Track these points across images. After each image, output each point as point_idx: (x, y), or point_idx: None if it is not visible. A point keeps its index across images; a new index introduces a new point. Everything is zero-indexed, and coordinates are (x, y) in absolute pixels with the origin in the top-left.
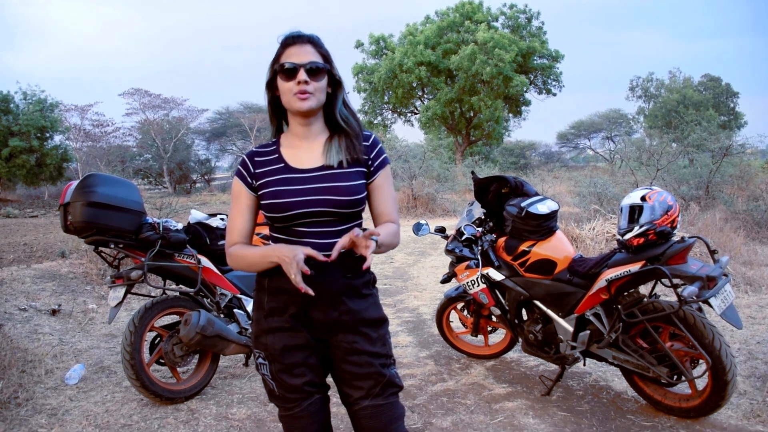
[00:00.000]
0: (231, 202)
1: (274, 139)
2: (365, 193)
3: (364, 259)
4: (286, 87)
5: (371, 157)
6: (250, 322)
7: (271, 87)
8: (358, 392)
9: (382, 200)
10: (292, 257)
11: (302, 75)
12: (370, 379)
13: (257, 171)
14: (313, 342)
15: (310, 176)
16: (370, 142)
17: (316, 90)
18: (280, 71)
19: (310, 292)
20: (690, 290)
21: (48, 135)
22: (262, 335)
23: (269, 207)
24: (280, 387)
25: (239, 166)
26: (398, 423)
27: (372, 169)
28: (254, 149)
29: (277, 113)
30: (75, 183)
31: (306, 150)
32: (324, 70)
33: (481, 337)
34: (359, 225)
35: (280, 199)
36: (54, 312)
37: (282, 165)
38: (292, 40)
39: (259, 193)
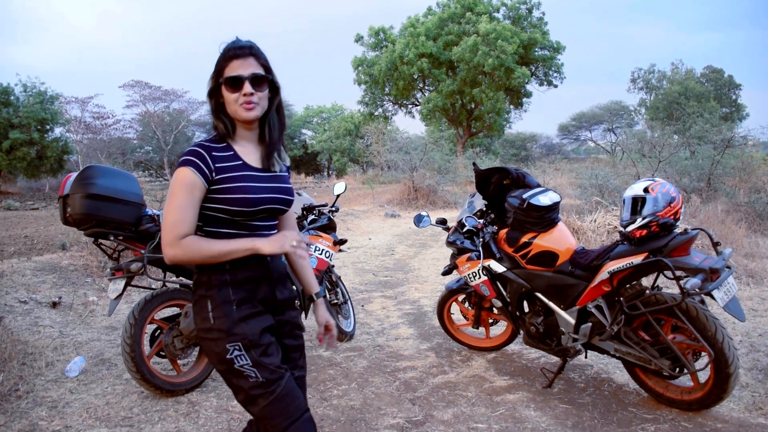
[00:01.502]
0: (178, 192)
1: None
2: None
3: None
4: (231, 98)
5: (289, 173)
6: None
7: (214, 95)
8: (290, 363)
9: (291, 212)
10: (286, 236)
11: (247, 87)
12: (299, 351)
13: (217, 165)
14: (273, 323)
15: (266, 176)
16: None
17: (260, 99)
18: (225, 83)
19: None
20: (693, 282)
21: (48, 127)
22: (235, 326)
23: (236, 201)
24: (263, 371)
25: (193, 158)
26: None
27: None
28: (206, 143)
29: (223, 117)
30: (74, 175)
31: (254, 152)
32: (266, 79)
33: (482, 329)
34: None
35: (247, 195)
36: (54, 304)
37: (240, 162)
38: (234, 53)
39: (217, 187)
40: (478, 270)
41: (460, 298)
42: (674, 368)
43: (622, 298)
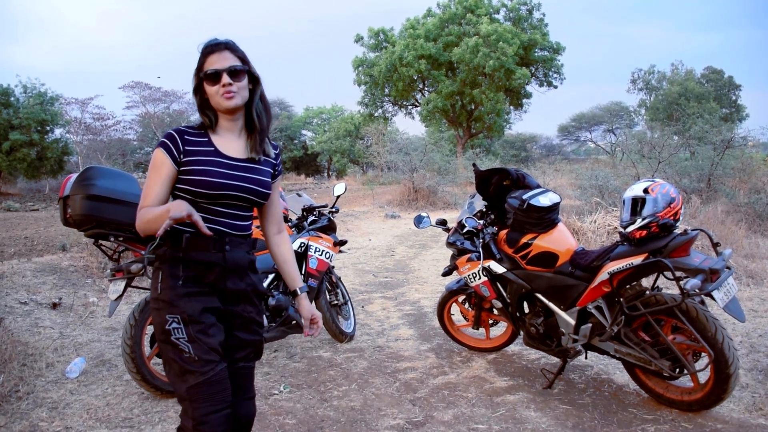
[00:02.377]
0: (149, 171)
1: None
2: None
3: (256, 241)
4: (212, 90)
5: (277, 162)
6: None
7: (199, 92)
8: (241, 354)
9: (276, 202)
10: (189, 206)
11: (225, 78)
12: (252, 346)
13: (186, 148)
14: (221, 307)
15: (238, 165)
16: (278, 151)
17: (239, 89)
18: (205, 78)
19: (208, 232)
20: (693, 283)
21: (48, 128)
22: (177, 300)
23: (198, 183)
24: (197, 349)
25: (165, 139)
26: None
27: (276, 172)
28: (183, 128)
29: (207, 113)
30: (74, 176)
31: (233, 142)
32: (243, 71)
33: (482, 330)
34: (253, 214)
35: (209, 178)
36: (55, 305)
37: (212, 149)
38: (211, 49)
39: (184, 168)
40: (478, 271)
41: (461, 299)
42: (674, 369)
43: (622, 299)
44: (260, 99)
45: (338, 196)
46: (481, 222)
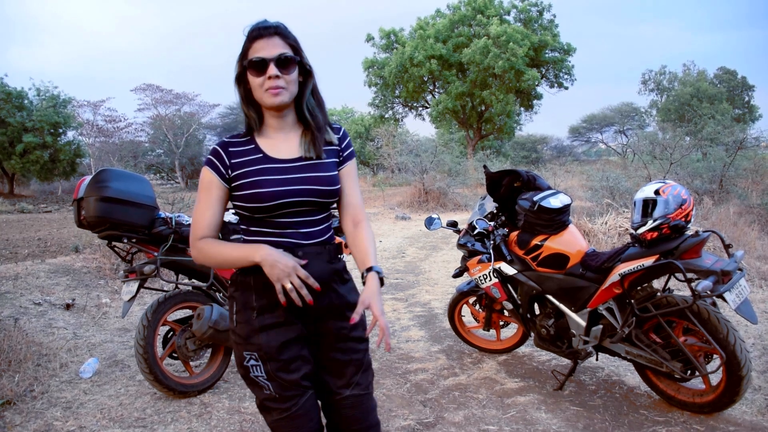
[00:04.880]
0: (199, 193)
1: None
2: (340, 183)
3: (340, 246)
4: (256, 82)
5: (342, 147)
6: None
7: (242, 81)
8: (341, 380)
9: (351, 189)
10: (292, 268)
11: (272, 69)
12: (352, 366)
13: (233, 161)
14: (305, 333)
15: (291, 166)
16: (341, 134)
17: (288, 83)
18: (249, 66)
19: (311, 299)
20: (704, 285)
21: (61, 131)
22: (253, 335)
23: (251, 197)
24: (277, 387)
25: (211, 156)
26: (374, 413)
27: (342, 158)
28: (226, 139)
29: (251, 107)
30: (88, 178)
31: (283, 141)
32: (294, 61)
33: (493, 331)
34: (330, 215)
35: (260, 189)
36: (68, 306)
37: (261, 155)
38: (258, 33)
39: (235, 184)
40: (489, 272)
41: (471, 300)
42: (686, 371)
43: (633, 301)
44: (312, 93)
45: None
46: (492, 223)
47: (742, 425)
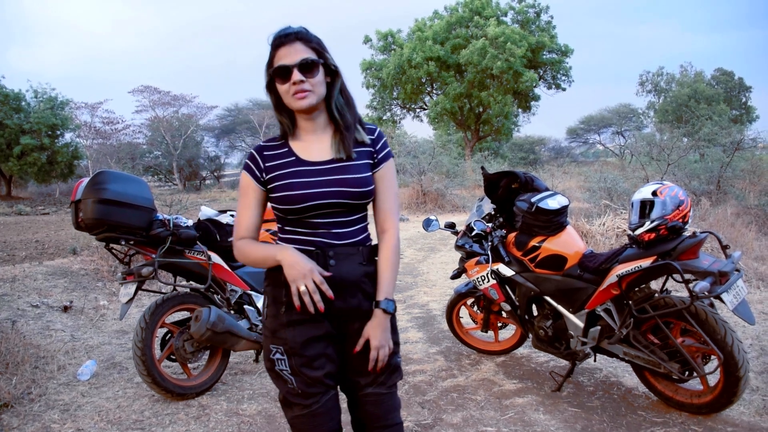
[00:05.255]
0: (239, 196)
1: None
2: (374, 185)
3: (376, 248)
4: (283, 89)
5: (377, 149)
6: (261, 318)
7: (272, 89)
8: (366, 379)
9: (384, 194)
10: (309, 270)
11: (296, 75)
12: (381, 366)
13: (267, 165)
14: (332, 331)
15: (322, 168)
16: (376, 135)
17: (313, 86)
18: (274, 75)
19: (321, 306)
20: (702, 286)
21: (59, 132)
22: (280, 329)
23: (282, 199)
24: (300, 382)
25: (247, 160)
26: (396, 413)
27: (376, 160)
28: (262, 143)
29: (283, 112)
30: (86, 180)
31: (315, 143)
32: (317, 63)
33: (491, 333)
34: (365, 216)
35: (290, 192)
36: (66, 308)
37: (293, 158)
38: (280, 41)
39: (270, 186)
40: (487, 274)
41: (469, 301)
42: (683, 371)
43: (630, 302)
44: (340, 92)
45: None
46: (490, 225)
47: (740, 426)
